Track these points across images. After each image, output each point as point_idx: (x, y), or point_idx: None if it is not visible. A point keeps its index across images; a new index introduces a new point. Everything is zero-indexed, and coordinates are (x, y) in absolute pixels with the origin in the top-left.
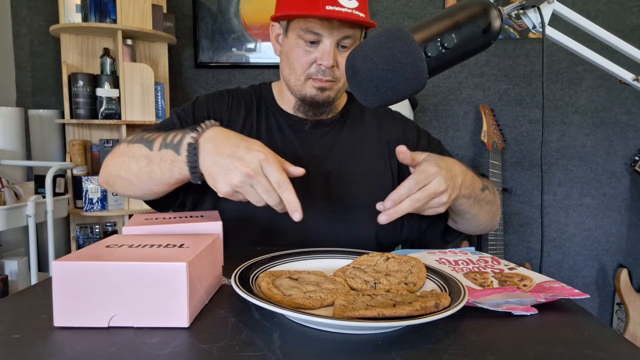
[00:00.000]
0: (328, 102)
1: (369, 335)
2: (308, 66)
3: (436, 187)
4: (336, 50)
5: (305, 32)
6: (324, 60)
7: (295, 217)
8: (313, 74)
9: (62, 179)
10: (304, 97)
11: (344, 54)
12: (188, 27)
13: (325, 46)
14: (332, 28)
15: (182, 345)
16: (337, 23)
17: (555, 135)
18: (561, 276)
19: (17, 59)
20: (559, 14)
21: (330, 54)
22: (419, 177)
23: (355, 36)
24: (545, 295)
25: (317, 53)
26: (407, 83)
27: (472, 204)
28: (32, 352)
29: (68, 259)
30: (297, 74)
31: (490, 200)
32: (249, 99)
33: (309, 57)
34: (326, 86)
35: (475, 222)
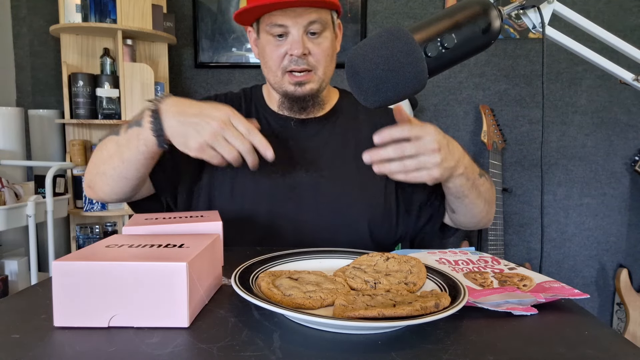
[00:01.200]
0: (311, 96)
1: (369, 335)
2: (280, 60)
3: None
4: (306, 38)
5: (271, 26)
6: (293, 49)
7: (268, 155)
8: (287, 66)
9: (62, 179)
10: (285, 93)
11: (317, 41)
12: (188, 27)
13: (293, 36)
14: (295, 16)
15: (182, 345)
16: (300, 10)
17: (555, 135)
18: (561, 276)
19: (17, 59)
20: (559, 14)
21: (298, 42)
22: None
23: (323, 20)
24: (545, 295)
25: (287, 45)
26: (407, 83)
27: (470, 187)
28: (32, 352)
29: (68, 259)
30: (273, 70)
31: (487, 188)
32: (238, 102)
33: (279, 50)
34: (303, 80)
35: (472, 210)
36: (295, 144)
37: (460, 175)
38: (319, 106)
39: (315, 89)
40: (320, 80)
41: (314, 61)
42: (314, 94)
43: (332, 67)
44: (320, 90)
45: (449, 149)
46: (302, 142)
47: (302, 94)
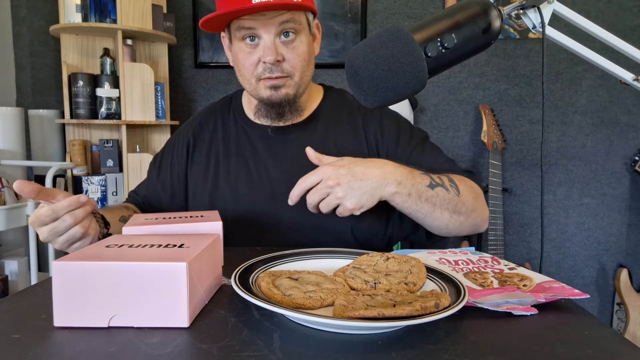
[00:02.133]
0: (288, 101)
1: (369, 335)
2: (254, 67)
3: (325, 182)
4: (279, 44)
5: (240, 30)
6: (265, 56)
7: None
8: (261, 73)
9: (62, 179)
10: (261, 99)
11: (291, 45)
12: (188, 27)
13: (264, 41)
14: (265, 20)
15: (182, 345)
16: (270, 14)
17: (555, 135)
18: (561, 276)
19: (17, 59)
20: (559, 14)
21: (271, 49)
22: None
23: (296, 22)
24: (545, 295)
25: (259, 51)
26: (407, 83)
27: (416, 201)
28: (32, 352)
29: (68, 259)
30: (247, 78)
31: (447, 198)
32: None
33: (252, 57)
34: (278, 83)
35: (435, 222)
36: (274, 152)
37: (395, 193)
38: (296, 112)
39: (291, 94)
40: (297, 86)
41: (289, 67)
42: (290, 99)
43: (310, 72)
44: (297, 95)
45: (357, 177)
46: (281, 149)
47: (278, 99)
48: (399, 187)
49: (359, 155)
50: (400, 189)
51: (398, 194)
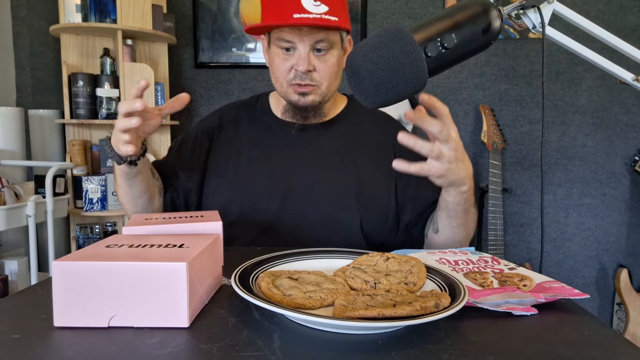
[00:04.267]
0: (313, 107)
1: (369, 335)
2: (287, 73)
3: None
4: (312, 55)
5: (279, 40)
6: (298, 65)
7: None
8: (292, 79)
9: (62, 179)
10: (290, 102)
11: (323, 58)
12: (188, 27)
13: (299, 52)
14: (302, 35)
15: (182, 345)
16: (307, 29)
17: (555, 135)
18: (561, 276)
19: (17, 59)
20: (559, 14)
21: (304, 60)
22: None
23: (330, 40)
24: (545, 295)
25: (294, 60)
26: (407, 83)
27: (463, 210)
28: (32, 352)
29: (68, 259)
30: (279, 81)
31: (472, 220)
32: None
33: (286, 64)
34: (306, 91)
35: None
36: (294, 147)
37: (462, 193)
38: (320, 117)
39: (317, 101)
40: (323, 94)
41: (319, 77)
42: (316, 105)
43: (337, 83)
44: (322, 102)
45: (463, 158)
46: (302, 146)
47: (304, 105)
48: (467, 191)
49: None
50: (466, 192)
51: (461, 195)
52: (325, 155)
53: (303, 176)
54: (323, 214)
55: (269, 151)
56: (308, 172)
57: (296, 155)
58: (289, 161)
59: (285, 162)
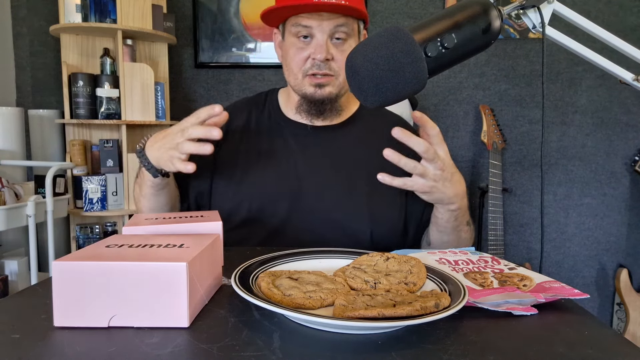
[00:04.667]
0: (330, 100)
1: (369, 335)
2: (303, 62)
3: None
4: (330, 44)
5: (296, 26)
6: (316, 53)
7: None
8: (308, 69)
9: (62, 179)
10: (304, 95)
11: (341, 47)
12: (188, 27)
13: (317, 39)
14: (321, 19)
15: (182, 345)
16: (327, 15)
17: (555, 135)
18: (561, 276)
19: (17, 59)
20: (559, 14)
21: (322, 47)
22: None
23: (349, 27)
24: (545, 295)
25: (311, 48)
26: (407, 83)
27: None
28: (32, 352)
29: (68, 259)
30: (294, 72)
31: (466, 238)
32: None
33: (303, 53)
34: (323, 82)
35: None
36: (304, 149)
37: (452, 211)
38: (336, 112)
39: (334, 93)
40: (340, 87)
41: (337, 67)
42: (333, 98)
43: None
44: (339, 95)
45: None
46: (312, 149)
47: (321, 97)
48: (457, 210)
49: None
50: (455, 210)
51: (450, 212)
52: (337, 159)
53: (313, 180)
54: (333, 222)
55: (278, 153)
56: (318, 177)
57: (306, 158)
58: (298, 164)
59: (294, 165)
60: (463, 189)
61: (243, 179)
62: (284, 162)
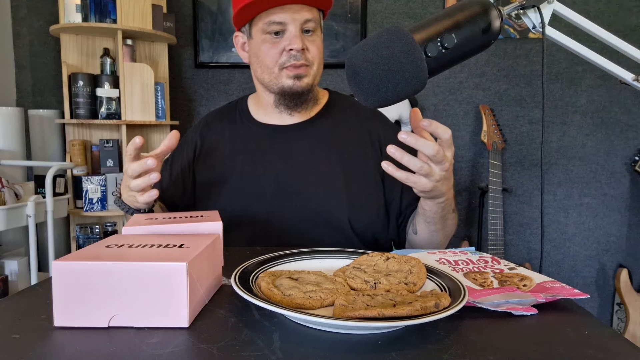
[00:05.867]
0: (308, 90)
1: (369, 335)
2: (279, 56)
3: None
4: (302, 35)
5: (269, 24)
6: (293, 44)
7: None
8: (285, 61)
9: (62, 179)
10: (282, 89)
11: (311, 38)
12: (188, 27)
13: (290, 32)
14: (293, 13)
15: (182, 345)
16: (297, 7)
17: (555, 135)
18: (561, 276)
19: (17, 59)
20: (559, 14)
21: (298, 37)
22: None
23: (316, 19)
24: (545, 295)
25: (285, 41)
26: (407, 83)
27: (441, 218)
28: (32, 352)
29: (68, 259)
30: (269, 68)
31: (451, 225)
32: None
33: (277, 47)
34: (301, 73)
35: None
36: (278, 149)
37: (440, 203)
38: (312, 102)
39: (310, 84)
40: (314, 76)
41: (311, 57)
42: (309, 89)
43: (322, 66)
44: (313, 85)
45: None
46: (285, 146)
47: (299, 88)
48: (446, 201)
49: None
50: (443, 202)
51: (438, 204)
52: (310, 154)
53: (289, 177)
54: (312, 214)
55: (253, 155)
56: (294, 173)
57: (280, 157)
58: (274, 164)
59: (270, 165)
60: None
61: (222, 187)
62: (259, 165)
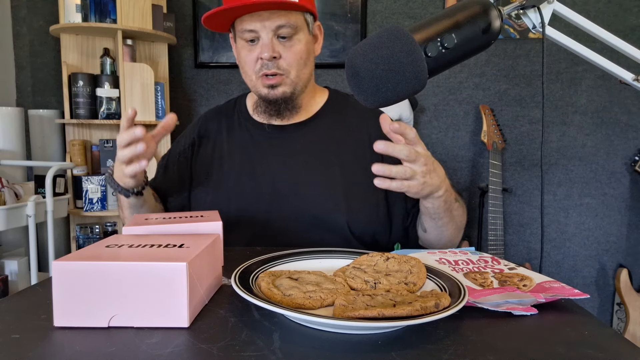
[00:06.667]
0: (284, 99)
1: (369, 335)
2: (254, 64)
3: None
4: (276, 42)
5: (242, 32)
6: (262, 52)
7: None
8: (259, 70)
9: (62, 179)
10: (260, 96)
11: (288, 44)
12: (188, 27)
13: (262, 40)
14: (262, 20)
15: (182, 345)
16: (267, 14)
17: (555, 135)
18: (561, 276)
19: (17, 59)
20: (559, 14)
21: (267, 46)
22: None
23: (292, 24)
24: (545, 295)
25: (258, 49)
26: (407, 83)
27: (446, 210)
28: (32, 352)
29: (68, 259)
30: (248, 74)
31: (460, 214)
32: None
33: (252, 55)
34: (274, 82)
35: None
36: (275, 149)
37: (440, 197)
38: (294, 110)
39: (288, 92)
40: (294, 84)
41: (285, 64)
42: (287, 97)
43: (307, 70)
44: (294, 93)
45: (434, 167)
46: (282, 146)
47: (274, 97)
48: (445, 193)
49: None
50: (442, 196)
51: (438, 199)
52: (308, 155)
53: (287, 178)
54: (311, 216)
55: (251, 155)
56: (292, 174)
57: (278, 157)
58: (271, 164)
59: (268, 165)
60: (443, 171)
61: (219, 187)
62: (257, 165)
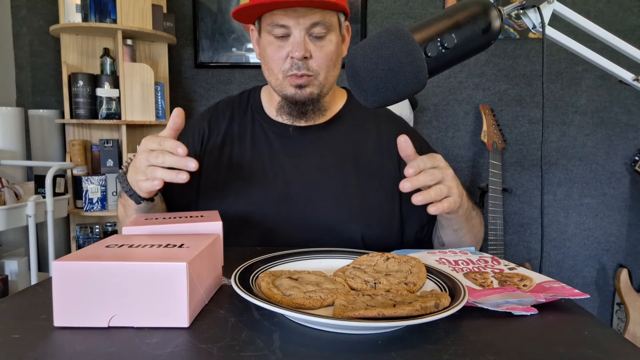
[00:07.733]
0: (312, 100)
1: (369, 335)
2: (282, 62)
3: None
4: (308, 41)
5: (272, 26)
6: (294, 51)
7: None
8: (288, 69)
9: (62, 179)
10: (285, 96)
11: (320, 44)
12: (188, 27)
13: (294, 37)
14: (297, 16)
15: (182, 345)
16: (303, 10)
17: (555, 135)
18: (561, 276)
19: (17, 59)
20: (559, 14)
21: (300, 45)
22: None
23: (327, 22)
24: (545, 295)
25: (289, 46)
26: (407, 83)
27: (465, 220)
28: (32, 352)
29: (68, 259)
30: (274, 73)
31: (477, 224)
32: (230, 110)
33: (281, 52)
34: (303, 82)
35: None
36: (290, 151)
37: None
38: (319, 112)
39: (315, 93)
40: (322, 86)
41: (316, 66)
42: (314, 98)
43: (335, 72)
44: (321, 95)
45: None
46: (298, 149)
47: (302, 98)
48: (463, 203)
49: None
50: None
51: (462, 207)
52: (324, 159)
53: (300, 184)
54: (323, 223)
55: (263, 157)
56: (306, 179)
57: (293, 161)
58: (285, 167)
59: (281, 169)
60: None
61: (228, 187)
62: (269, 166)
